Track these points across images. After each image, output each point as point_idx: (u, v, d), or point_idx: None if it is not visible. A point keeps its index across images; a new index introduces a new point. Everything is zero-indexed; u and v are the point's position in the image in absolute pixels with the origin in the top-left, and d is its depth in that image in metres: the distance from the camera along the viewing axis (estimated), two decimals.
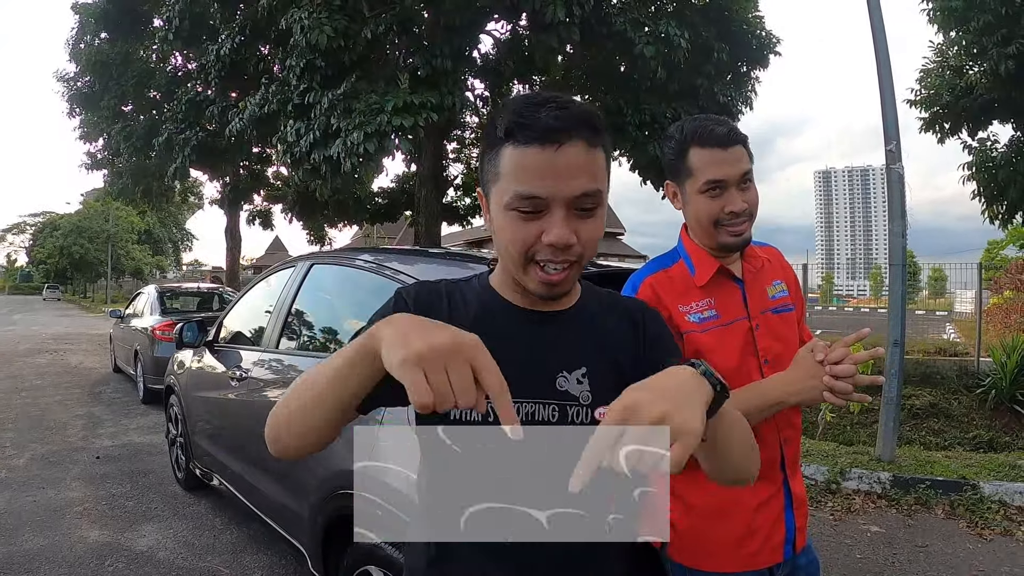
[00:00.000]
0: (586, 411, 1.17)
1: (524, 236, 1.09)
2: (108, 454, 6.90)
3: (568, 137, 1.06)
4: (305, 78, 8.85)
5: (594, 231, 1.12)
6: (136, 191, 16.05)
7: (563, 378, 1.18)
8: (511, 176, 1.09)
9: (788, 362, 1.69)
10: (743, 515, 1.70)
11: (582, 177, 1.07)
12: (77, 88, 14.93)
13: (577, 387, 1.18)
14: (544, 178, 1.06)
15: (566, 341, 1.21)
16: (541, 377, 1.17)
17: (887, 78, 6.37)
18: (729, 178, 1.70)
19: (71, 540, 4.62)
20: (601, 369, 1.20)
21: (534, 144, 1.06)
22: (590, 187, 1.08)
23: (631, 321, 1.29)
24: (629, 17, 8.81)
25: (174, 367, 5.79)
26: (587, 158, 1.08)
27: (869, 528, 4.93)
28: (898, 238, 6.24)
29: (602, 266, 2.81)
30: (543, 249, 1.09)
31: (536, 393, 1.16)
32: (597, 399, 1.17)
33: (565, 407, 1.17)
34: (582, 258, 1.12)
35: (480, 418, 1.08)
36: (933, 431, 8.90)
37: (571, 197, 1.07)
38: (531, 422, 1.15)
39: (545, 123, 1.06)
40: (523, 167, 1.07)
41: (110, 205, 54.68)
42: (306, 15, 7.89)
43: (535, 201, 1.07)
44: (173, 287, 13.20)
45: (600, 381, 1.19)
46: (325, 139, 8.60)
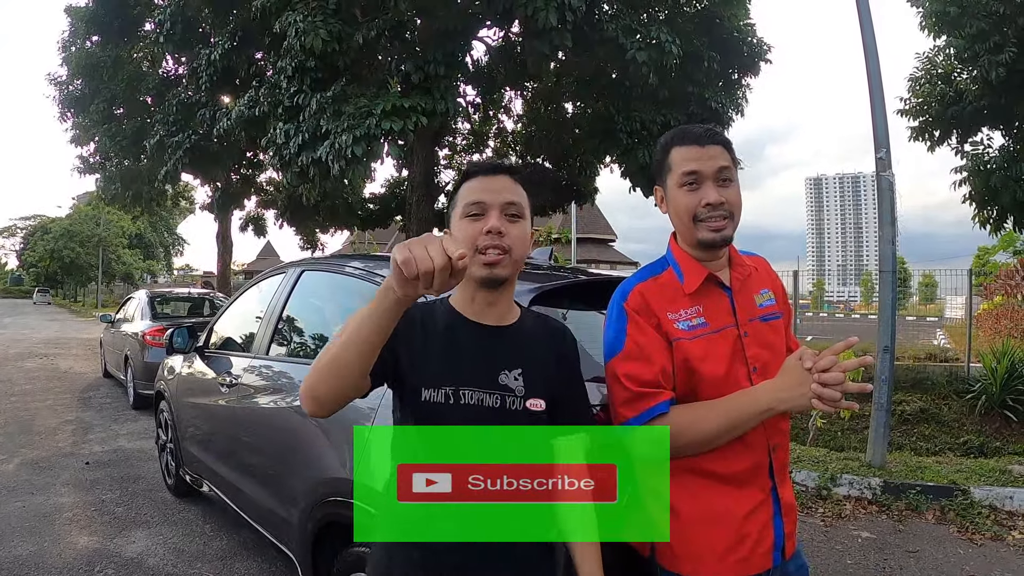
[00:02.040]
0: (520, 401, 1.58)
1: (472, 232, 1.58)
2: (98, 460, 6.86)
3: (501, 171, 1.68)
4: (296, 80, 8.83)
5: (519, 233, 1.61)
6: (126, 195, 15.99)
7: (504, 375, 1.59)
8: (465, 196, 1.64)
9: (776, 370, 1.70)
10: (732, 522, 1.71)
11: (509, 193, 1.63)
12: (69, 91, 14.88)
13: (514, 383, 1.59)
14: (484, 192, 1.62)
15: (507, 348, 1.63)
16: (488, 373, 1.59)
17: (877, 87, 6.41)
18: (705, 170, 1.75)
19: (60, 546, 4.59)
20: (532, 370, 1.61)
21: (480, 174, 1.67)
22: (514, 199, 1.63)
23: (552, 340, 1.73)
24: (621, 24, 8.82)
25: (164, 372, 5.77)
26: (513, 185, 1.65)
27: (860, 534, 4.93)
28: (888, 245, 6.27)
29: (593, 274, 2.82)
30: (484, 238, 1.56)
31: (484, 384, 1.57)
32: (529, 392, 1.59)
33: (504, 396, 1.57)
34: (512, 251, 1.58)
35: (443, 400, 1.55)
36: (924, 436, 8.92)
37: (503, 203, 1.60)
38: (480, 406, 1.56)
39: (488, 165, 1.71)
40: (472, 189, 1.64)
41: (101, 209, 54.48)
42: (301, 18, 7.88)
43: (479, 205, 1.60)
44: (164, 292, 13.15)
45: (531, 379, 1.60)
46: (314, 141, 8.59)
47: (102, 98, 13.75)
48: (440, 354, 1.59)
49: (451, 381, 1.56)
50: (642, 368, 1.69)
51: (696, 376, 1.72)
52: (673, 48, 8.73)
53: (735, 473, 1.71)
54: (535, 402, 1.58)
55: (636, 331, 1.73)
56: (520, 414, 1.57)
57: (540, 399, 1.59)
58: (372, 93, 8.50)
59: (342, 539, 2.70)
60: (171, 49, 11.19)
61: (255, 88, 10.00)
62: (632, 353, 1.72)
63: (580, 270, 3.08)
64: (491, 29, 10.76)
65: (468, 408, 1.55)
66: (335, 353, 1.38)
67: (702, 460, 1.71)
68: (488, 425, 1.54)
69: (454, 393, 1.55)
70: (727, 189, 1.76)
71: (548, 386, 1.61)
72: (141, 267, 70.64)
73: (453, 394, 1.55)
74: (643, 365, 1.69)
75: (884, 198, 6.25)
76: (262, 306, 4.16)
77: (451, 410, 1.55)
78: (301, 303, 3.85)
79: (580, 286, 2.65)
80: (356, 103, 8.23)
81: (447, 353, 1.59)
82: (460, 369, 1.58)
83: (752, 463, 1.73)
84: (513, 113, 14.79)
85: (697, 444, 1.69)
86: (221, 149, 10.79)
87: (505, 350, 1.62)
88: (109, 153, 14.11)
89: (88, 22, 13.29)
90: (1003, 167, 11.41)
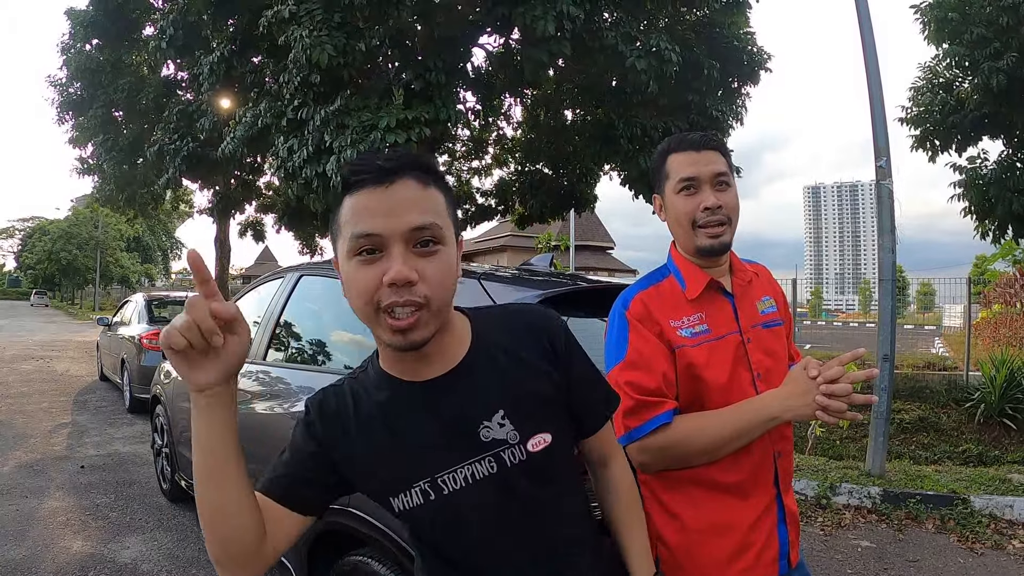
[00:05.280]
0: (519, 448, 1.20)
1: (366, 282, 1.10)
2: (93, 463, 6.85)
3: (399, 175, 1.11)
4: (300, 93, 8.83)
5: (439, 271, 1.12)
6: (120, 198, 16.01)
7: (486, 429, 1.20)
8: (350, 222, 1.12)
9: (779, 376, 1.69)
10: (737, 531, 1.69)
11: (414, 212, 1.10)
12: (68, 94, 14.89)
13: (501, 431, 1.20)
14: (377, 215, 1.09)
15: (473, 393, 1.21)
16: (466, 437, 1.19)
17: (877, 96, 6.41)
18: (701, 175, 1.74)
19: (53, 550, 4.58)
20: (518, 402, 1.22)
21: (368, 185, 1.12)
22: (424, 220, 1.10)
23: (531, 337, 1.29)
24: (621, 31, 8.83)
25: (161, 376, 5.75)
26: (420, 194, 1.13)
27: (860, 543, 4.91)
28: (887, 253, 6.26)
29: (594, 281, 2.80)
30: (385, 292, 1.08)
31: (468, 454, 1.19)
32: (525, 431, 1.21)
33: (499, 454, 1.19)
34: (430, 301, 1.11)
35: (422, 500, 1.19)
36: (923, 445, 8.91)
37: (406, 231, 1.09)
38: (475, 481, 1.19)
39: (376, 165, 1.12)
40: (359, 209, 1.12)
41: (99, 212, 54.49)
42: (307, 33, 7.87)
43: (372, 239, 1.10)
44: (161, 295, 13.11)
45: (522, 414, 1.21)
46: (318, 155, 8.57)
47: (101, 102, 13.78)
48: (390, 445, 1.22)
49: (420, 473, 1.20)
50: (644, 377, 1.67)
51: (700, 383, 1.70)
52: (673, 56, 8.74)
53: (739, 482, 1.70)
54: (538, 439, 1.21)
55: (638, 339, 1.72)
56: (526, 465, 1.20)
57: (544, 433, 1.22)
58: (375, 105, 8.49)
59: (338, 547, 2.68)
60: (172, 55, 11.16)
61: (255, 98, 10.00)
62: (634, 362, 1.70)
63: (580, 277, 3.06)
64: (491, 36, 10.77)
65: (459, 495, 1.19)
66: (202, 500, 1.12)
67: (706, 469, 1.70)
68: (487, 498, 1.20)
69: (431, 486, 1.19)
70: (724, 194, 1.76)
71: (549, 407, 1.26)
72: (139, 270, 70.70)
73: (431, 488, 1.19)
74: (645, 374, 1.67)
75: (884, 207, 6.24)
76: (260, 311, 4.14)
77: (437, 510, 1.20)
78: (299, 308, 3.82)
79: (582, 293, 2.64)
80: (359, 117, 8.22)
81: (397, 440, 1.21)
82: (424, 453, 1.20)
83: (756, 471, 1.72)
84: (513, 119, 14.80)
85: (702, 453, 1.67)
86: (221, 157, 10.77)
87: (471, 396, 1.21)
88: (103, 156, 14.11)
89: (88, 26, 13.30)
90: (1000, 178, 11.44)
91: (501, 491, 1.20)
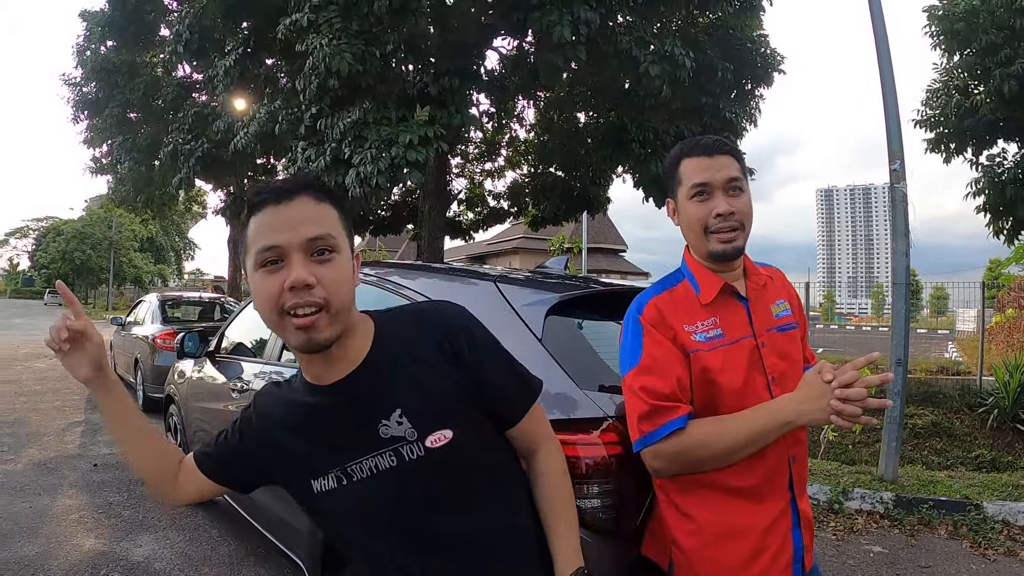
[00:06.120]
0: (418, 445, 1.31)
1: (270, 289, 1.24)
2: (106, 462, 6.86)
3: (295, 194, 1.27)
4: (317, 100, 8.84)
5: (335, 276, 1.26)
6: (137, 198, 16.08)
7: (384, 426, 1.31)
8: (255, 239, 1.28)
9: (794, 380, 1.69)
10: (752, 535, 1.69)
11: (310, 225, 1.25)
12: (83, 94, 14.96)
13: (399, 428, 1.31)
14: (277, 230, 1.24)
15: (372, 393, 1.34)
16: (367, 433, 1.32)
17: (892, 99, 6.38)
18: (714, 181, 1.74)
19: (66, 548, 4.60)
20: (416, 401, 1.32)
21: (269, 204, 1.27)
22: (319, 231, 1.25)
23: (431, 339, 1.37)
24: (635, 36, 8.81)
25: (174, 376, 5.77)
26: (314, 209, 1.27)
27: (872, 548, 4.89)
28: (901, 257, 6.24)
29: (609, 284, 2.80)
30: (288, 296, 1.23)
31: (369, 448, 1.32)
32: (423, 429, 1.31)
33: (397, 449, 1.31)
34: (329, 303, 1.24)
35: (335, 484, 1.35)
36: (935, 451, 8.85)
37: (303, 241, 1.24)
38: (378, 472, 1.32)
39: (275, 187, 1.29)
40: (262, 226, 1.27)
41: (113, 212, 54.83)
42: (326, 42, 7.87)
43: (274, 250, 1.24)
44: (175, 296, 13.17)
45: (420, 412, 1.32)
46: (336, 164, 8.57)
47: (117, 102, 13.84)
48: (307, 440, 1.39)
49: (333, 462, 1.35)
50: (658, 381, 1.67)
51: (715, 387, 1.71)
52: (686, 61, 8.72)
53: (754, 486, 1.70)
54: (437, 436, 1.30)
55: (652, 344, 1.72)
56: (425, 460, 1.30)
57: (445, 429, 1.31)
58: (395, 118, 8.46)
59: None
60: (187, 57, 11.21)
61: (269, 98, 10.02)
62: (648, 367, 1.70)
63: (593, 279, 3.06)
64: (505, 39, 10.77)
65: (366, 484, 1.33)
66: (119, 450, 1.56)
67: (720, 474, 1.69)
68: (390, 490, 1.32)
69: (343, 473, 1.34)
70: (737, 199, 1.76)
71: (451, 404, 1.34)
72: (152, 271, 71.06)
73: (343, 474, 1.34)
74: (659, 378, 1.68)
75: (898, 210, 6.22)
76: None
77: (349, 497, 1.35)
78: None
79: (598, 296, 2.64)
80: (378, 130, 8.21)
81: (312, 435, 1.38)
82: (337, 447, 1.35)
83: (771, 475, 1.72)
84: (526, 122, 14.78)
85: (717, 458, 1.67)
86: (235, 156, 10.80)
87: (370, 395, 1.34)
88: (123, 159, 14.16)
89: (104, 27, 13.37)
90: (1019, 179, 11.36)
91: (403, 484, 1.32)
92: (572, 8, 8.00)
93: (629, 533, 1.93)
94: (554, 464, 1.47)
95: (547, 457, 1.47)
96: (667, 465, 1.70)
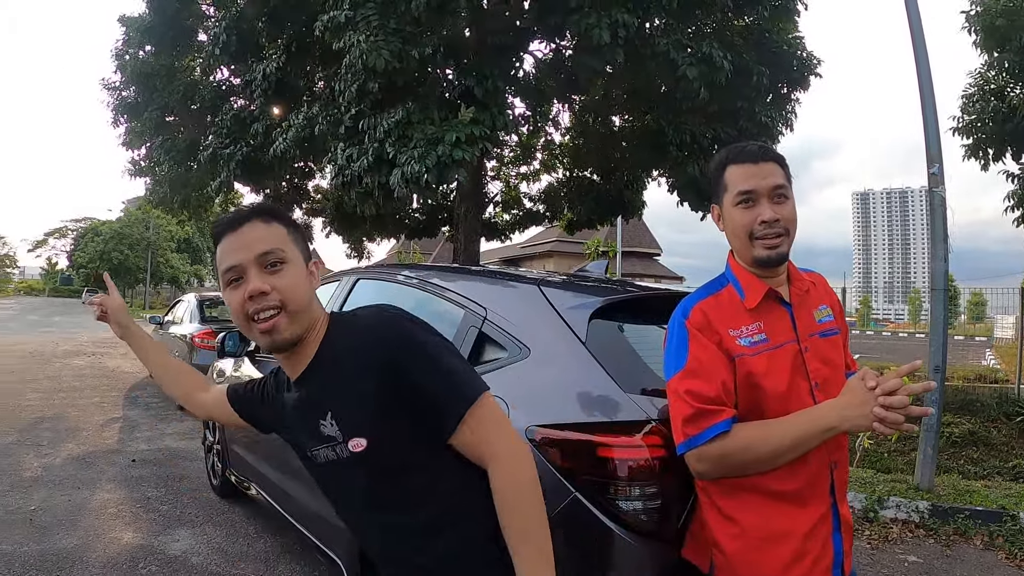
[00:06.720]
0: (343, 447, 1.46)
1: (237, 301, 1.45)
2: (143, 458, 6.98)
3: (245, 220, 1.48)
4: (356, 101, 8.89)
5: (287, 282, 1.45)
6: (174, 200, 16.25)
7: (323, 425, 1.48)
8: (219, 263, 1.49)
9: (836, 386, 1.70)
10: (793, 539, 1.70)
11: (260, 243, 1.45)
12: (122, 98, 15.13)
13: (332, 429, 1.47)
14: (235, 251, 1.45)
15: (314, 395, 1.52)
16: (313, 428, 1.51)
17: (930, 102, 6.29)
18: (759, 189, 1.76)
19: (104, 541, 4.68)
20: (343, 407, 1.46)
21: (227, 233, 1.48)
22: (269, 247, 1.45)
23: (368, 347, 1.47)
24: (672, 39, 8.77)
25: (214, 375, 5.84)
26: (263, 230, 1.47)
27: (907, 558, 4.83)
28: (940, 262, 6.14)
29: (651, 288, 2.81)
30: (249, 304, 1.43)
31: (317, 441, 1.51)
32: (346, 433, 1.45)
33: (331, 446, 1.48)
34: (284, 305, 1.44)
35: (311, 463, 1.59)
36: (972, 460, 8.70)
37: (255, 257, 1.44)
38: (327, 462, 1.52)
39: (230, 217, 1.51)
40: (223, 251, 1.48)
41: (150, 213, 55.60)
42: (364, 38, 7.93)
43: (235, 269, 1.45)
44: (213, 296, 13.36)
45: (344, 418, 1.46)
46: (379, 164, 8.62)
47: (155, 106, 13.97)
48: (285, 420, 1.66)
49: (303, 445, 1.59)
50: (703, 385, 1.69)
51: (759, 391, 1.72)
52: (724, 64, 8.66)
53: (797, 490, 1.71)
54: (356, 442, 1.43)
55: (697, 348, 1.74)
56: (351, 460, 1.45)
57: (360, 437, 1.43)
58: (440, 118, 8.49)
59: None
60: (226, 61, 11.31)
61: (308, 103, 10.10)
62: (694, 370, 1.72)
63: (629, 283, 3.06)
64: (542, 43, 10.77)
65: (323, 469, 1.57)
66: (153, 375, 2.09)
67: (764, 478, 1.71)
68: (341, 477, 1.54)
69: (312, 455, 1.56)
70: (782, 206, 1.77)
71: (371, 417, 1.43)
72: (188, 271, 71.92)
73: (311, 456, 1.57)
74: (705, 382, 1.70)
75: (936, 215, 6.14)
76: None
77: (319, 471, 1.60)
78: None
79: (641, 300, 2.65)
80: (423, 129, 8.26)
81: (285, 418, 1.64)
82: (302, 433, 1.57)
83: (813, 480, 1.73)
84: (561, 126, 14.74)
85: (760, 462, 1.68)
86: (274, 160, 10.87)
87: (313, 400, 1.52)
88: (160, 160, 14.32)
89: (143, 32, 13.52)
90: None
91: (342, 478, 1.53)
92: (610, 11, 7.99)
93: (670, 536, 1.94)
94: (507, 481, 1.39)
95: (496, 474, 1.40)
96: (711, 468, 1.72)
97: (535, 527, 1.37)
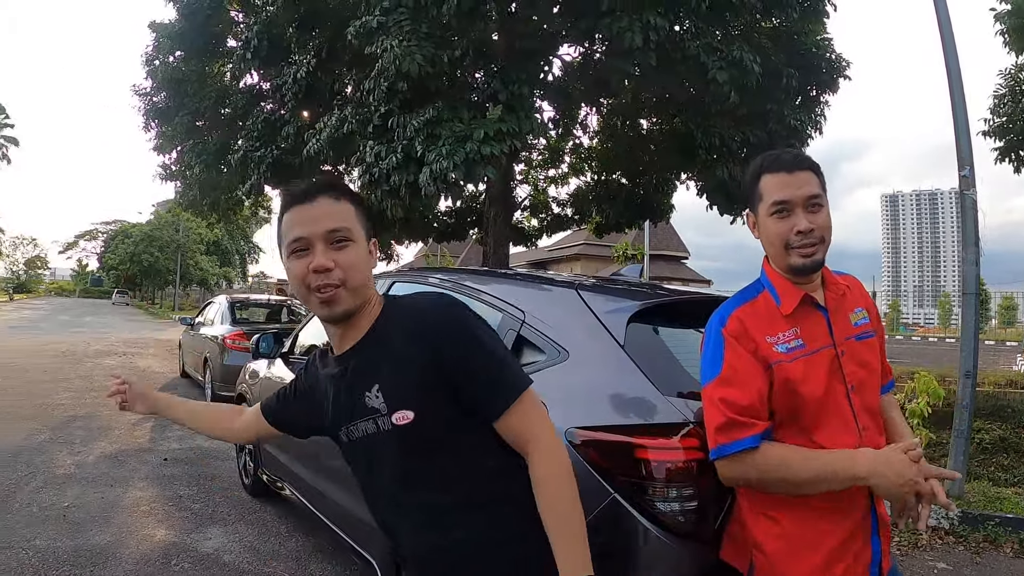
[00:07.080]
0: (387, 419, 1.51)
1: (300, 270, 1.51)
2: (175, 456, 7.07)
3: (316, 195, 1.53)
4: (386, 100, 8.94)
5: (351, 260, 1.51)
6: (204, 202, 16.39)
7: (368, 397, 1.54)
8: (287, 232, 1.54)
9: (872, 389, 1.74)
10: (833, 539, 1.72)
11: (329, 219, 1.51)
12: (153, 103, 15.28)
13: (376, 401, 1.52)
14: (304, 224, 1.51)
15: (363, 366, 1.57)
16: (357, 400, 1.56)
17: (960, 104, 6.23)
18: (794, 199, 1.77)
19: (137, 537, 4.74)
20: (391, 381, 1.52)
21: (296, 204, 1.54)
22: (337, 224, 1.51)
23: (421, 330, 1.53)
24: (703, 42, 8.75)
25: (246, 376, 5.92)
26: (333, 207, 1.53)
27: (936, 565, 4.79)
28: (971, 266, 6.09)
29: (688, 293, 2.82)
30: (312, 277, 1.49)
31: (357, 414, 1.57)
32: (392, 405, 1.50)
33: (374, 419, 1.53)
34: (345, 282, 1.50)
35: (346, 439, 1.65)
36: (1002, 466, 8.62)
37: (324, 232, 1.50)
38: (365, 435, 1.56)
39: (302, 189, 1.56)
40: (291, 222, 1.54)
41: (180, 216, 56.14)
42: (396, 43, 7.97)
43: (301, 241, 1.51)
44: (243, 298, 13.47)
45: (391, 391, 1.51)
46: (407, 163, 8.68)
47: (186, 111, 14.11)
48: (324, 399, 1.71)
49: (340, 421, 1.63)
50: (738, 393, 1.71)
51: (797, 397, 1.74)
52: (754, 67, 8.61)
53: (838, 494, 1.71)
54: (401, 415, 1.49)
55: (733, 356, 1.76)
56: (391, 434, 1.51)
57: (407, 410, 1.49)
58: (469, 117, 8.53)
59: None
60: (256, 65, 11.39)
61: (339, 107, 10.18)
62: (728, 378, 1.74)
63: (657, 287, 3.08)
64: (571, 47, 10.78)
65: (357, 444, 1.61)
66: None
67: None
68: (375, 453, 1.57)
69: (346, 432, 1.62)
70: (817, 215, 1.78)
71: (417, 391, 1.49)
72: (218, 273, 72.56)
73: (345, 433, 1.62)
74: (739, 390, 1.72)
75: (967, 217, 6.08)
76: None
77: (353, 448, 1.64)
78: None
79: (678, 304, 2.66)
80: (451, 127, 8.30)
81: (329, 396, 1.68)
82: (339, 406, 1.63)
83: None
84: (589, 129, 14.70)
85: (783, 485, 1.71)
86: (305, 163, 10.96)
87: (360, 371, 1.57)
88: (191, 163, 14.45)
89: (173, 38, 13.66)
90: None
91: (378, 450, 1.56)
92: (642, 14, 8.00)
93: (708, 537, 1.96)
94: (546, 469, 1.48)
95: (538, 463, 1.49)
96: (736, 478, 1.76)
97: (574, 513, 1.46)
